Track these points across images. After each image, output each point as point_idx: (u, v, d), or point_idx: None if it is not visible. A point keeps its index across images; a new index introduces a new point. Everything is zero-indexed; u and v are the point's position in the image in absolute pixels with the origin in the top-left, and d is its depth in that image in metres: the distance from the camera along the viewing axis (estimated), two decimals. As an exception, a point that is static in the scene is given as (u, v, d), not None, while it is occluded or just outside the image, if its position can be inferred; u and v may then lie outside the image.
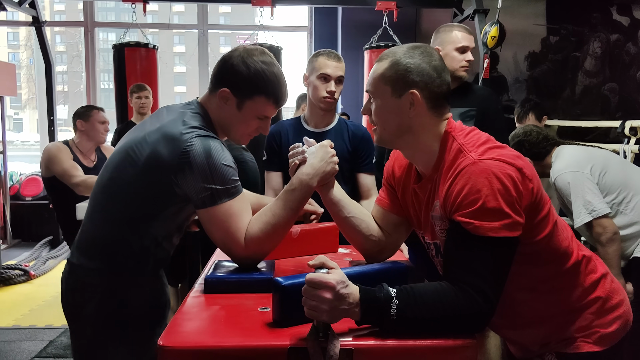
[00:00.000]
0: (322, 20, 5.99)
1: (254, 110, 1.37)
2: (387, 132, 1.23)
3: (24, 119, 22.28)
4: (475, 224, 1.05)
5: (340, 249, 1.70)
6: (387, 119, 1.21)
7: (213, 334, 1.05)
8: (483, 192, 1.05)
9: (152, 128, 1.33)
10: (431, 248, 1.28)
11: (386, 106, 1.20)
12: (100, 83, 6.70)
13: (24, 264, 4.89)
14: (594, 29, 5.81)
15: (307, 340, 0.98)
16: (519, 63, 5.81)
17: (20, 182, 6.23)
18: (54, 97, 5.56)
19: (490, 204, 1.05)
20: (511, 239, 1.07)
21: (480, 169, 1.07)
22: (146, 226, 1.34)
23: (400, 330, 1.01)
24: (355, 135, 2.13)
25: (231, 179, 1.29)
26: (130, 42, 5.04)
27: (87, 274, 1.36)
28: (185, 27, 7.61)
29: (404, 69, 1.18)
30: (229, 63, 1.36)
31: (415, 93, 1.17)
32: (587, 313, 1.20)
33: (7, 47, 22.71)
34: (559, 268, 1.19)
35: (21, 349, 3.17)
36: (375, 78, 1.21)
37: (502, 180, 1.06)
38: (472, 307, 1.03)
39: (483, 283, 1.04)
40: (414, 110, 1.18)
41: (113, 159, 1.38)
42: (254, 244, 1.30)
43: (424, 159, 1.22)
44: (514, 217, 1.06)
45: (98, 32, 6.66)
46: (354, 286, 1.01)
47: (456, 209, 1.08)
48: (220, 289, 1.26)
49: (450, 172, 1.12)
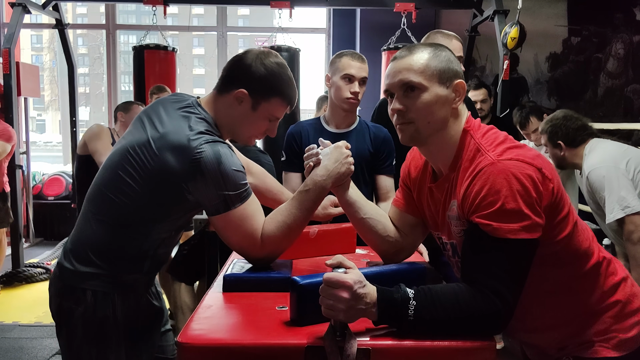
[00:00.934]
0: (341, 22, 5.99)
1: (268, 112, 1.37)
2: (430, 126, 1.16)
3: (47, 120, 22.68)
4: (494, 225, 1.04)
5: (358, 250, 1.70)
6: (434, 111, 1.15)
7: (231, 332, 1.05)
8: (502, 193, 1.03)
9: (154, 132, 1.30)
10: (447, 248, 1.27)
11: (435, 98, 1.14)
12: (121, 85, 6.79)
13: (46, 262, 4.97)
14: (616, 29, 5.72)
15: (324, 339, 0.98)
16: (540, 64, 5.75)
17: (43, 182, 6.34)
18: (76, 99, 5.65)
19: (510, 205, 1.03)
20: (530, 241, 1.05)
21: (499, 169, 1.05)
22: (146, 230, 1.32)
23: (418, 331, 1.01)
24: (377, 137, 2.13)
25: (242, 183, 1.29)
26: (149, 45, 5.10)
27: (78, 278, 1.32)
28: (205, 30, 7.69)
29: (446, 58, 1.16)
30: (245, 64, 1.35)
31: (463, 83, 1.16)
32: (606, 317, 1.17)
33: (30, 50, 23.13)
34: (579, 270, 1.17)
35: (43, 346, 3.22)
36: (418, 69, 1.14)
37: (522, 181, 1.04)
38: (489, 309, 1.02)
39: (501, 285, 1.03)
40: (458, 101, 1.16)
41: (112, 160, 1.34)
42: (271, 243, 1.30)
43: (443, 157, 1.20)
44: (533, 218, 1.04)
45: (119, 35, 6.75)
46: (372, 286, 1.01)
47: (474, 210, 1.07)
48: (239, 287, 1.27)
49: (469, 172, 1.11)
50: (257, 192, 1.68)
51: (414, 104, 1.15)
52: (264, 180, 1.73)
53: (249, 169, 1.71)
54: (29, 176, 5.94)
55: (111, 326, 1.32)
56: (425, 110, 1.14)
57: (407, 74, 1.15)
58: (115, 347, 1.33)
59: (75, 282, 1.32)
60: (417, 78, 1.14)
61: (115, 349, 1.33)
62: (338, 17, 6.02)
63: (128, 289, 1.35)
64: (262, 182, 1.73)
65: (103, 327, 1.31)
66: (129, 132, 1.37)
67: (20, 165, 4.70)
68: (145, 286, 1.42)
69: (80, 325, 1.32)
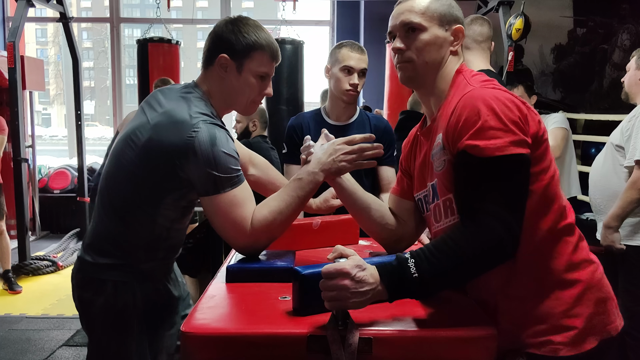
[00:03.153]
0: (345, 14, 5.97)
1: (254, 68, 1.38)
2: (428, 66, 1.18)
3: (52, 114, 22.75)
4: (480, 145, 1.00)
5: (361, 241, 1.71)
6: (432, 51, 1.18)
7: (234, 321, 1.06)
8: (483, 112, 1.02)
9: (153, 113, 1.33)
10: (428, 200, 1.23)
11: (434, 38, 1.17)
12: (125, 79, 6.80)
13: (52, 255, 5.01)
14: (622, 20, 5.68)
15: (326, 328, 0.98)
16: (545, 56, 5.72)
17: (49, 175, 6.38)
18: (81, 93, 5.66)
19: (492, 122, 1.01)
20: (522, 156, 1.01)
21: (480, 93, 1.06)
22: (151, 214, 1.35)
23: (432, 288, 0.99)
24: (378, 128, 2.12)
25: (233, 168, 1.29)
26: (153, 38, 5.11)
27: (97, 269, 1.37)
28: (209, 23, 7.67)
29: (447, 3, 1.20)
30: (218, 32, 1.38)
31: (462, 28, 1.20)
32: (568, 294, 1.10)
33: (35, 44, 23.16)
34: (554, 226, 1.10)
35: (49, 338, 3.26)
36: (420, 11, 1.18)
37: (504, 101, 1.03)
38: (491, 237, 0.98)
39: (498, 207, 0.98)
40: (457, 45, 1.20)
41: (115, 149, 1.38)
42: (261, 227, 1.30)
43: (436, 97, 1.21)
44: (519, 134, 1.01)
45: (124, 28, 6.77)
46: (372, 267, 0.99)
47: (458, 136, 1.05)
48: (242, 278, 1.28)
49: (452, 104, 1.11)
50: (260, 183, 1.70)
51: (413, 44, 1.18)
52: (266, 171, 1.74)
53: (252, 160, 1.72)
54: (35, 170, 5.97)
55: (131, 314, 1.36)
56: (423, 49, 1.18)
57: (409, 15, 1.18)
58: (137, 335, 1.38)
59: (95, 273, 1.37)
60: (418, 19, 1.17)
61: (137, 336, 1.38)
62: (342, 9, 6.01)
63: (146, 277, 1.39)
64: (265, 173, 1.73)
65: (123, 315, 1.36)
66: (131, 121, 1.40)
67: (26, 158, 4.72)
68: (163, 273, 1.47)
69: (101, 315, 1.37)
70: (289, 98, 4.68)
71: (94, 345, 1.42)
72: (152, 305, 1.41)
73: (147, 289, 1.39)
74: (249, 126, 3.30)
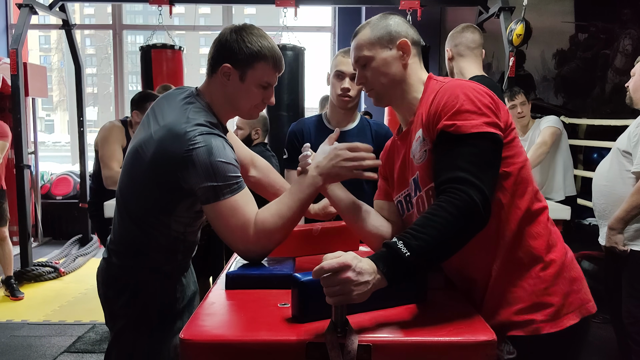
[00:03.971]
0: (346, 20, 5.99)
1: (257, 79, 1.40)
2: (386, 85, 1.30)
3: (55, 121, 22.84)
4: (457, 124, 1.11)
5: (361, 247, 1.70)
6: (384, 72, 1.29)
7: (233, 329, 1.06)
8: (460, 98, 1.14)
9: (156, 126, 1.36)
10: (410, 196, 1.30)
11: (381, 61, 1.29)
12: (128, 85, 6.83)
13: (54, 261, 5.02)
14: (624, 25, 5.69)
15: (325, 335, 0.98)
16: (547, 61, 5.72)
17: (51, 181, 6.40)
18: (84, 99, 5.69)
19: (468, 106, 1.13)
20: (495, 135, 1.12)
21: (456, 84, 1.19)
22: (166, 221, 1.40)
23: (426, 262, 1.03)
24: (379, 134, 2.12)
25: (232, 175, 1.31)
26: (156, 44, 5.13)
27: (121, 271, 1.45)
28: (211, 29, 7.70)
29: (384, 26, 1.30)
30: (222, 40, 1.40)
31: (405, 41, 1.29)
32: (548, 273, 1.19)
33: (38, 50, 23.29)
34: (532, 205, 1.21)
35: (51, 344, 3.25)
36: (362, 45, 1.30)
37: (478, 90, 1.16)
38: (464, 199, 1.04)
39: (467, 174, 1.06)
40: (407, 57, 1.29)
41: (126, 160, 1.43)
42: (264, 231, 1.31)
43: (407, 105, 1.31)
44: (493, 117, 1.13)
45: (126, 35, 6.79)
46: (367, 259, 1.01)
47: (437, 119, 1.15)
48: (241, 284, 1.28)
49: (430, 98, 1.21)
50: (260, 185, 1.73)
51: (367, 74, 1.31)
52: (267, 174, 1.77)
53: (253, 162, 1.75)
54: (37, 176, 5.99)
55: (152, 311, 1.44)
56: (376, 75, 1.30)
57: (358, 52, 1.32)
58: (156, 330, 1.45)
59: (119, 274, 1.45)
60: (363, 52, 1.31)
61: (156, 331, 1.45)
62: (343, 15, 6.03)
63: (167, 276, 1.48)
64: (266, 176, 1.76)
65: (145, 312, 1.44)
66: (138, 131, 1.44)
67: (28, 165, 4.74)
68: (181, 271, 1.54)
69: (123, 311, 1.45)
70: (289, 104, 4.69)
71: (115, 339, 1.49)
72: (171, 303, 1.49)
73: (167, 287, 1.48)
74: (251, 134, 3.30)
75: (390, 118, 4.96)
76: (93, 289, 4.39)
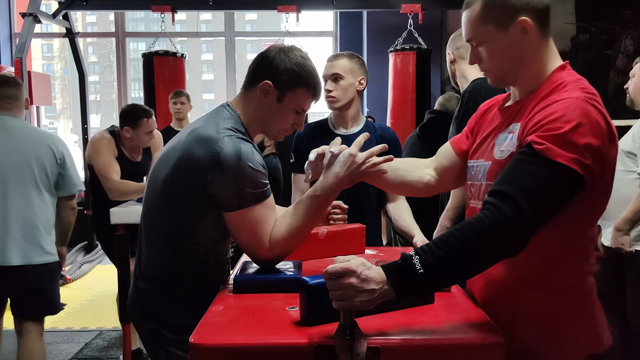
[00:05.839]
0: (347, 25, 6.01)
1: (294, 103, 1.39)
2: (505, 70, 1.18)
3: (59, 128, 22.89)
4: (549, 146, 0.99)
5: (367, 250, 1.71)
6: (502, 57, 1.16)
7: (242, 332, 1.07)
8: (574, 122, 1.00)
9: (184, 133, 1.37)
10: (477, 171, 1.24)
11: (496, 45, 1.15)
12: (131, 92, 6.86)
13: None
14: (625, 26, 5.68)
15: (334, 338, 0.98)
16: (548, 62, 5.72)
17: (56, 189, 6.40)
18: (87, 107, 5.72)
19: (575, 137, 0.99)
20: (578, 175, 0.99)
21: (581, 104, 1.02)
22: (193, 236, 1.35)
23: (438, 282, 1.00)
24: (383, 138, 2.13)
25: (261, 182, 1.30)
26: (159, 51, 5.16)
27: (158, 300, 1.39)
28: (213, 35, 7.75)
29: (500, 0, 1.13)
30: (269, 58, 1.38)
31: (525, 20, 1.12)
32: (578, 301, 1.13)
33: (41, 59, 23.38)
34: (584, 232, 1.13)
35: (58, 351, 3.26)
36: (473, 23, 1.16)
37: (596, 125, 1.01)
38: (498, 223, 0.95)
39: (518, 192, 0.96)
40: (527, 37, 1.13)
41: (152, 177, 1.41)
42: (279, 244, 1.32)
43: (529, 85, 1.17)
44: (590, 162, 0.99)
45: (129, 42, 6.82)
46: (377, 267, 1.00)
47: (537, 128, 1.03)
48: (249, 289, 1.29)
49: (546, 99, 1.08)
50: None
51: (483, 57, 1.19)
52: None
53: None
54: (42, 184, 5.99)
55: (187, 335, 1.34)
56: (492, 60, 1.18)
57: (467, 30, 1.20)
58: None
59: (156, 304, 1.40)
60: (472, 34, 1.19)
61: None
62: (345, 20, 6.04)
63: (204, 300, 1.30)
64: None
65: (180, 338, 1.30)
66: (166, 146, 1.43)
67: (33, 173, 4.75)
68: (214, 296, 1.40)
69: (169, 343, 1.37)
70: (293, 109, 4.70)
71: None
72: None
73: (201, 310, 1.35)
74: (264, 141, 3.30)
75: (393, 121, 4.96)
76: (99, 295, 4.42)
